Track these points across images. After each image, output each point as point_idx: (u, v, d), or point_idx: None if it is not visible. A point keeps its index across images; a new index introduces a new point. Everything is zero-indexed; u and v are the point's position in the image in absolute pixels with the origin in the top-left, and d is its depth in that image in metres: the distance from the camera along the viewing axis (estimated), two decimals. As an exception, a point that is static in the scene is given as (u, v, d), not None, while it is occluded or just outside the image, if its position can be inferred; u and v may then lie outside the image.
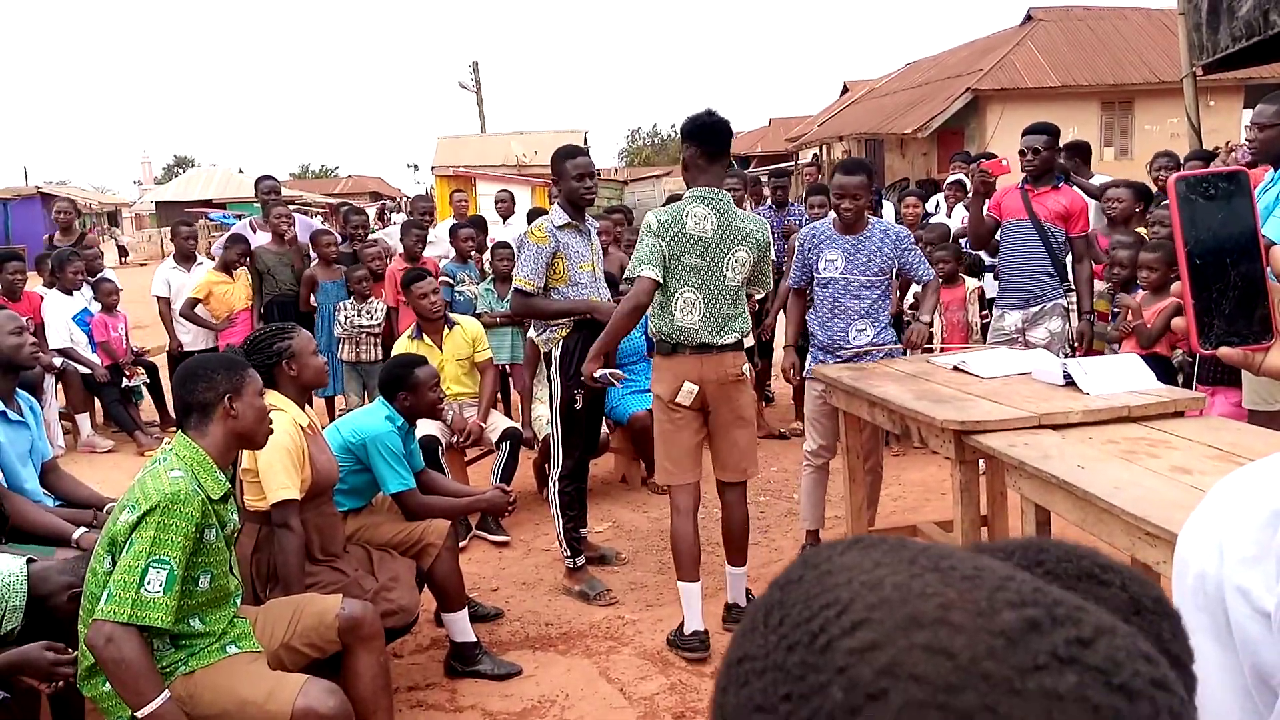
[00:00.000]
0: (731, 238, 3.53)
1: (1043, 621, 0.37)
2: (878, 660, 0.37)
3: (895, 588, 0.40)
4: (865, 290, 4.13)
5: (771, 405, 7.21)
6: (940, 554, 0.42)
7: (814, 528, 4.35)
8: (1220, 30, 5.70)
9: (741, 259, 3.55)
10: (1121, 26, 20.56)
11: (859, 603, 0.39)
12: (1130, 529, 2.19)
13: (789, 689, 0.39)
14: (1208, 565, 0.72)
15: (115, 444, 7.18)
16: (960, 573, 0.40)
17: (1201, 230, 0.88)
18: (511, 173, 19.13)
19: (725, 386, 3.59)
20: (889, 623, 0.38)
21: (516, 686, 3.44)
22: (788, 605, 0.42)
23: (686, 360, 3.57)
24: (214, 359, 2.68)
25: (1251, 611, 0.68)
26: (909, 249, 4.18)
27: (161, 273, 7.37)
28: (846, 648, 0.38)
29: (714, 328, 3.55)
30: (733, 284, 3.57)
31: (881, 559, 0.42)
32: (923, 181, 11.41)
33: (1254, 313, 0.88)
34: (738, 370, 3.60)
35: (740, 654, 0.43)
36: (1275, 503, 0.69)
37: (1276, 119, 3.62)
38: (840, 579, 0.41)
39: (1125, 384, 3.11)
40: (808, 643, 0.39)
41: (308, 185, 50.65)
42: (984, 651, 0.36)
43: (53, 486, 3.62)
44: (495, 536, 4.89)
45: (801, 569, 0.44)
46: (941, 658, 0.36)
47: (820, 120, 28.39)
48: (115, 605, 2.22)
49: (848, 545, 0.45)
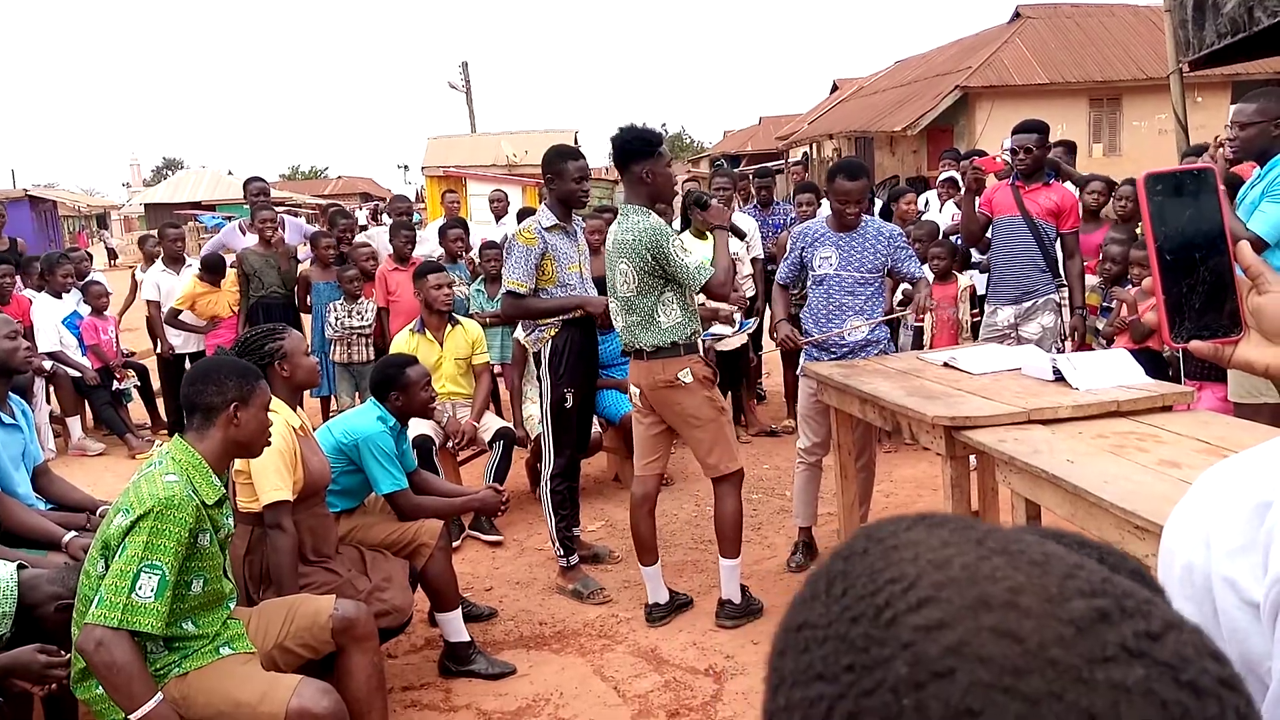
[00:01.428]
0: (615, 252, 3.63)
1: (1112, 612, 0.38)
2: (945, 639, 0.37)
3: (963, 568, 0.40)
4: (860, 287, 4.14)
5: (764, 403, 7.22)
6: (1008, 537, 0.43)
7: (807, 524, 4.37)
8: (1206, 27, 5.73)
9: (623, 270, 3.60)
10: (1109, 23, 20.63)
11: (926, 580, 0.40)
12: (1120, 523, 2.20)
13: (851, 660, 0.39)
14: (1195, 556, 0.72)
15: (106, 447, 7.16)
16: (1029, 557, 0.40)
17: (1171, 226, 0.89)
18: (502, 172, 19.10)
19: (658, 392, 3.66)
20: (957, 602, 0.38)
21: (511, 686, 3.44)
22: (851, 577, 0.42)
23: (630, 365, 3.77)
24: (229, 364, 2.63)
25: (1239, 602, 0.68)
26: (901, 247, 4.19)
27: (151, 276, 7.36)
28: (912, 624, 0.38)
29: (626, 334, 3.71)
30: (624, 294, 3.64)
31: (949, 538, 0.42)
32: (912, 179, 11.45)
33: (1223, 306, 0.90)
34: (667, 377, 3.62)
35: (800, 620, 0.43)
36: (1261, 494, 0.69)
37: (1257, 117, 3.65)
38: (906, 554, 0.42)
39: (1114, 379, 3.13)
40: (872, 616, 0.40)
41: (297, 186, 50.51)
42: (1053, 638, 0.36)
43: (45, 490, 3.61)
44: (488, 536, 4.89)
45: (865, 542, 0.44)
46: (1010, 641, 0.36)
47: (810, 119, 28.44)
48: (106, 609, 2.21)
49: (913, 521, 0.45)
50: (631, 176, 3.66)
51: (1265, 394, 3.63)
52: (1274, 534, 0.67)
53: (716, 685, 3.35)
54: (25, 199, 31.60)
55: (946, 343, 5.39)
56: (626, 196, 3.71)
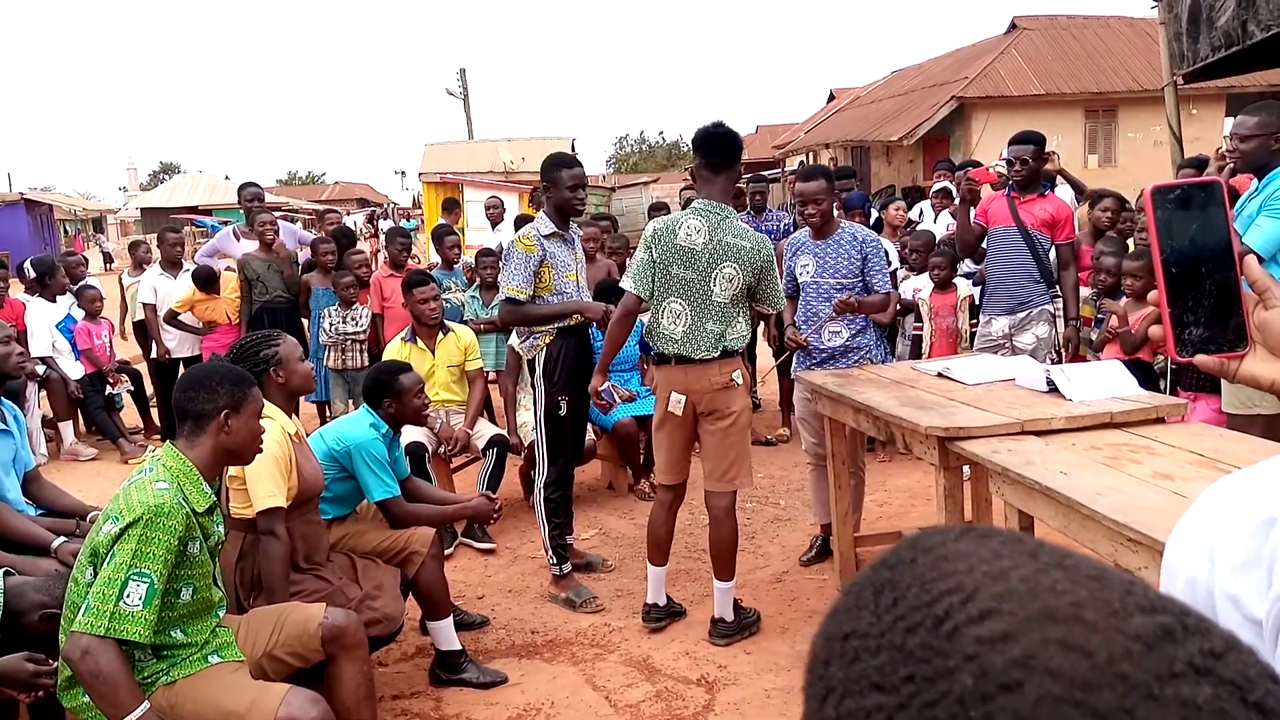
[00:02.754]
0: (720, 253, 3.49)
1: (1175, 629, 0.38)
2: (1011, 651, 0.37)
3: (1023, 580, 0.40)
4: (836, 293, 4.14)
5: (759, 411, 7.21)
6: (1058, 551, 0.43)
7: (825, 521, 4.38)
8: (1200, 40, 5.75)
9: (729, 275, 3.49)
10: (1105, 35, 20.72)
11: (985, 591, 0.39)
12: (1112, 535, 2.20)
13: (911, 670, 0.39)
14: (1198, 572, 0.72)
15: (98, 452, 7.14)
16: (1085, 571, 0.41)
17: (1177, 239, 0.89)
18: (499, 179, 19.10)
19: (714, 394, 3.57)
20: (1021, 614, 0.38)
21: (502, 695, 3.43)
22: (900, 587, 0.42)
23: (673, 371, 3.60)
24: (221, 371, 2.60)
25: (1242, 619, 0.68)
26: (873, 254, 4.18)
27: (148, 279, 7.34)
28: (975, 635, 0.38)
29: (697, 342, 3.54)
30: (720, 300, 3.52)
31: (1000, 549, 0.42)
32: (908, 189, 11.47)
33: (1229, 321, 0.89)
34: (725, 378, 3.56)
35: (847, 630, 0.43)
36: (1266, 510, 0.69)
37: (1257, 130, 3.66)
38: (960, 565, 0.42)
39: (1108, 390, 3.13)
40: (931, 626, 0.39)
41: (294, 192, 50.52)
42: (1121, 653, 0.36)
43: (35, 496, 3.59)
44: (481, 544, 4.88)
45: (912, 551, 0.44)
46: (1079, 655, 0.36)
47: (807, 128, 28.51)
48: (93, 617, 2.19)
49: (961, 532, 0.45)
50: (731, 174, 3.59)
51: (1259, 405, 3.64)
52: (1278, 551, 0.66)
53: (709, 695, 3.34)
54: (21, 202, 31.57)
55: (945, 352, 5.39)
56: (712, 194, 3.56)
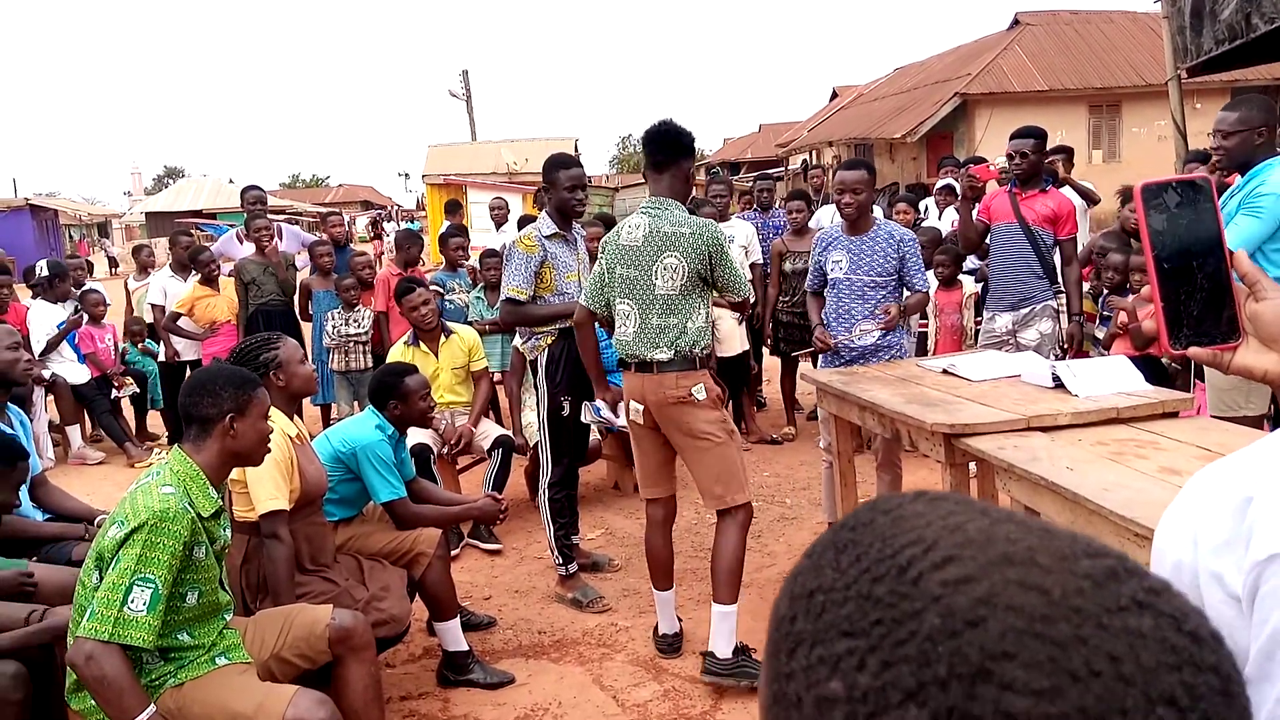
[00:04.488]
0: (660, 244, 3.34)
1: (1119, 570, 0.42)
2: (974, 591, 0.41)
3: (979, 531, 0.44)
4: (870, 291, 4.12)
5: (763, 410, 7.21)
6: (1006, 510, 0.47)
7: (834, 519, 4.38)
8: (1204, 33, 5.74)
9: (671, 265, 3.32)
10: (1108, 30, 20.68)
11: (945, 542, 0.43)
12: (1119, 530, 2.19)
13: (879, 615, 0.42)
14: (1183, 554, 0.75)
15: (105, 455, 7.15)
16: (1034, 525, 0.45)
17: (1169, 235, 0.91)
18: (502, 180, 19.13)
19: (667, 409, 3.37)
20: (981, 559, 0.42)
21: (509, 695, 3.43)
22: (862, 544, 0.46)
23: (631, 378, 3.46)
24: (225, 374, 2.58)
25: (1225, 596, 0.70)
26: (913, 253, 4.17)
27: (158, 281, 7.38)
28: (939, 579, 0.42)
29: (646, 341, 3.38)
30: (664, 292, 3.35)
31: (954, 508, 0.46)
32: (912, 185, 11.45)
33: (1221, 313, 0.91)
34: (680, 392, 3.34)
35: (812, 587, 0.46)
36: (1245, 490, 0.71)
37: (1239, 126, 3.65)
38: (918, 522, 0.45)
39: (1113, 385, 3.12)
40: (896, 575, 0.43)
41: (298, 195, 50.63)
42: (1074, 590, 0.40)
43: (42, 500, 3.60)
44: (487, 545, 4.88)
45: (871, 513, 0.48)
46: (1035, 593, 0.40)
47: (810, 126, 28.49)
48: (97, 623, 2.19)
49: (914, 496, 0.49)
50: (677, 171, 3.46)
51: (1244, 407, 3.66)
52: (1254, 527, 0.69)
53: (716, 695, 3.33)
54: (27, 208, 31.68)
55: (950, 349, 5.38)
56: (658, 191, 3.47)
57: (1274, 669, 0.65)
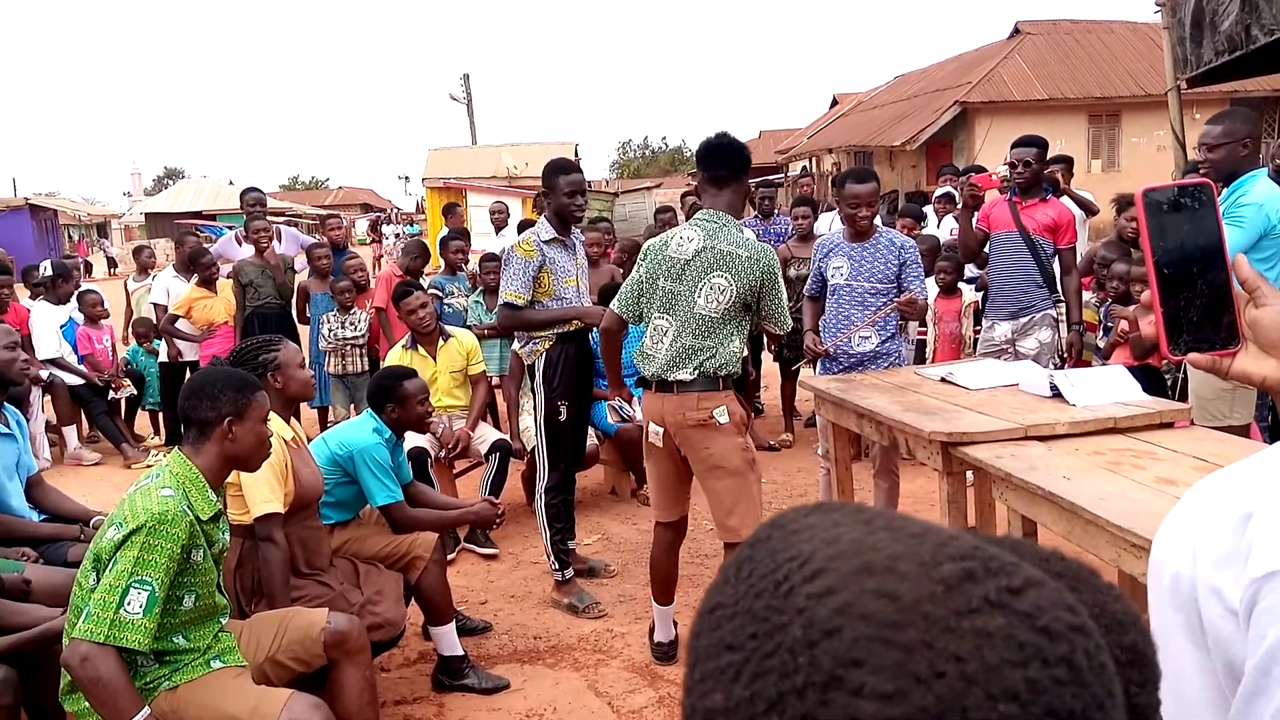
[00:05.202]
0: (711, 261, 3.20)
1: (978, 572, 0.42)
2: (833, 602, 0.42)
3: (851, 542, 0.45)
4: (871, 297, 4.13)
5: (761, 417, 7.21)
6: (895, 517, 0.47)
7: None
8: (1203, 44, 5.75)
9: (719, 286, 3.19)
10: (1108, 40, 20.73)
11: (819, 555, 0.44)
12: (1116, 540, 2.19)
13: (755, 629, 0.43)
14: (1182, 567, 0.74)
15: (102, 456, 7.14)
16: (908, 531, 0.45)
17: (1169, 240, 0.90)
18: (502, 184, 19.13)
19: (687, 431, 3.26)
20: (844, 570, 0.43)
21: (504, 700, 3.42)
22: (756, 560, 0.47)
23: (651, 399, 3.35)
24: (225, 377, 2.56)
25: (1223, 611, 0.70)
26: (912, 260, 4.17)
27: (161, 281, 7.39)
28: (806, 592, 0.43)
29: (675, 360, 3.25)
30: (704, 313, 3.21)
31: (841, 520, 0.47)
32: (911, 194, 11.47)
33: (1221, 319, 0.91)
34: (702, 415, 3.22)
35: (713, 604, 0.47)
36: (1245, 505, 0.71)
37: (1223, 138, 3.67)
38: (804, 536, 0.46)
39: (1111, 395, 3.12)
40: (773, 590, 0.44)
41: (298, 197, 50.66)
42: (925, 595, 0.41)
43: (38, 501, 3.59)
44: (483, 549, 4.87)
45: (770, 529, 0.49)
46: (887, 601, 0.41)
47: (810, 133, 28.56)
48: (93, 624, 2.19)
49: (812, 509, 0.50)
50: (739, 186, 3.35)
51: (1229, 417, 3.68)
52: (1254, 543, 0.68)
53: (711, 701, 3.33)
54: (26, 208, 31.69)
55: (949, 357, 5.38)
56: (717, 205, 3.33)
57: (1270, 684, 0.65)
